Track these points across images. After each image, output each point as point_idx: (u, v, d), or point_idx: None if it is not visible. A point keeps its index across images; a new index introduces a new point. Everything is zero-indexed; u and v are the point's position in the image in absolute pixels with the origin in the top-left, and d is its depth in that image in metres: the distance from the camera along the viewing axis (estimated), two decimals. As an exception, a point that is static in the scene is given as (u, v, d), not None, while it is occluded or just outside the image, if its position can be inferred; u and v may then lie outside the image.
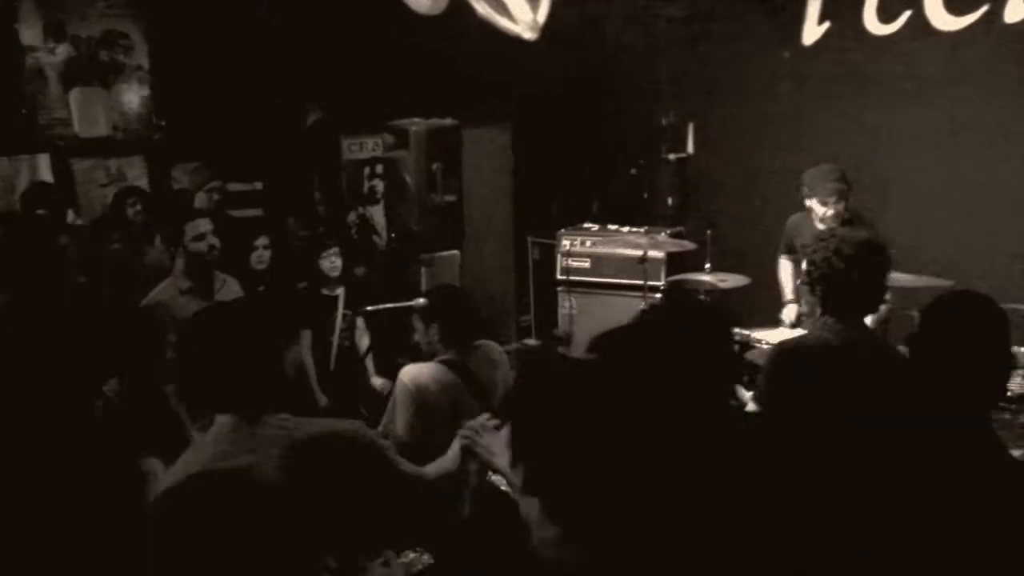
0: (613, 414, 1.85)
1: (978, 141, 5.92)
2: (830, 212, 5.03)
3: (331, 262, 5.41)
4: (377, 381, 5.55)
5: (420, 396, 3.46)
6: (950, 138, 6.01)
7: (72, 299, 4.61)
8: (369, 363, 5.63)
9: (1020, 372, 4.88)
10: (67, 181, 6.79)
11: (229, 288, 4.58)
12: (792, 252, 5.40)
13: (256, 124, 6.97)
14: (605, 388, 1.91)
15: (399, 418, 3.52)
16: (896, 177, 6.07)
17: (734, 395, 3.08)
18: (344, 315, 5.51)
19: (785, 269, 5.52)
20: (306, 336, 5.36)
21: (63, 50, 6.78)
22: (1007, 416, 5.09)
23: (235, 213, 6.65)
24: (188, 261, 4.34)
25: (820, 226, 5.13)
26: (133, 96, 7.13)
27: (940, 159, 6.03)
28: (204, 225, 4.37)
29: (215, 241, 4.35)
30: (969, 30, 5.83)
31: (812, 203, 5.10)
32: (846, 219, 5.05)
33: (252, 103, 6.98)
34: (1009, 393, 4.98)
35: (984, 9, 5.75)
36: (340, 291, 5.51)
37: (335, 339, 5.50)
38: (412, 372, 3.55)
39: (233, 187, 7.03)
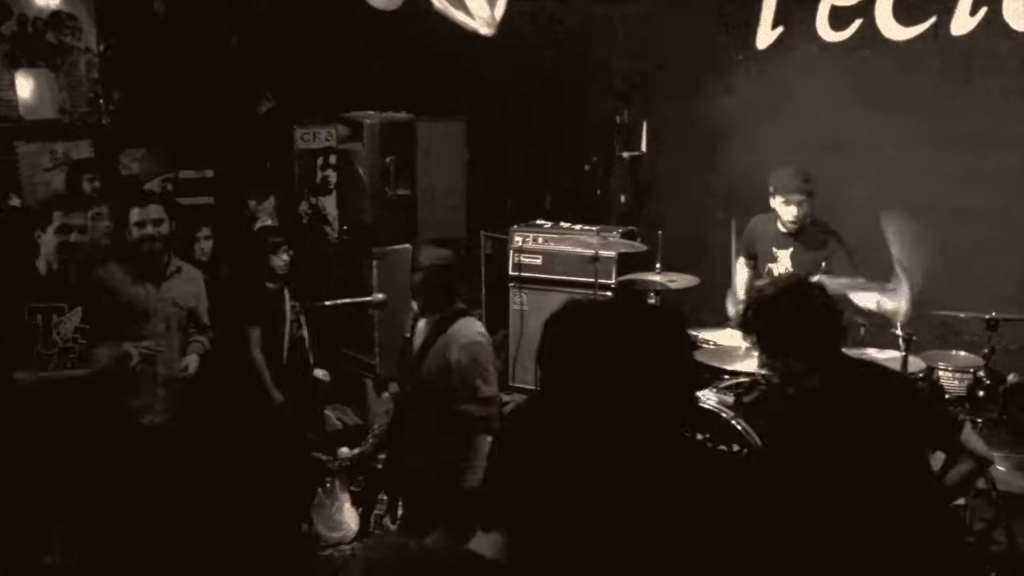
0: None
1: (925, 148, 6.04)
2: (793, 212, 5.05)
3: (282, 259, 5.38)
4: (319, 372, 5.60)
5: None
6: (898, 144, 6.13)
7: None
8: (311, 354, 5.62)
9: (958, 375, 5.04)
10: (10, 164, 6.64)
11: (185, 275, 4.56)
12: (751, 257, 5.39)
13: (208, 110, 6.87)
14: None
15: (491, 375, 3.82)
16: (845, 181, 6.17)
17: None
18: (292, 307, 5.48)
19: (741, 274, 5.44)
20: (255, 333, 5.31)
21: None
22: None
23: (185, 201, 6.56)
24: (132, 245, 4.31)
25: (782, 228, 5.20)
26: (81, 79, 6.98)
27: (888, 164, 6.15)
28: (149, 213, 4.32)
29: (157, 230, 4.32)
30: (917, 40, 5.96)
31: (777, 202, 5.11)
32: (807, 224, 5.12)
33: (204, 89, 6.88)
34: (947, 396, 5.15)
35: (932, 21, 5.88)
36: (287, 285, 5.49)
37: (286, 331, 5.45)
38: (478, 328, 3.85)
39: (184, 175, 6.93)
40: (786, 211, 5.07)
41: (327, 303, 4.39)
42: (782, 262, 5.19)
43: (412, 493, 3.74)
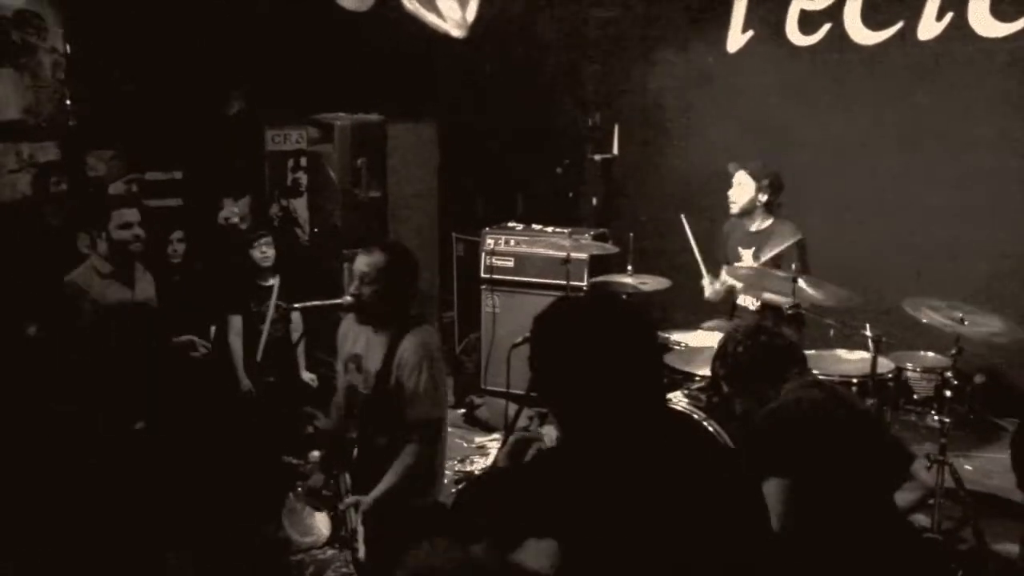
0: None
1: (892, 151, 6.12)
2: (732, 191, 5.21)
3: (262, 252, 5.48)
4: (307, 375, 5.62)
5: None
6: (866, 147, 6.19)
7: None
8: (301, 357, 5.65)
9: (926, 377, 5.09)
10: (-25, 166, 6.54)
11: (148, 278, 4.52)
12: (726, 262, 5.46)
13: (177, 111, 6.81)
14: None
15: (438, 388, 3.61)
16: (813, 184, 6.22)
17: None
18: (277, 305, 5.51)
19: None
20: (235, 321, 5.36)
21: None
22: (913, 418, 5.31)
23: (153, 203, 6.49)
24: (111, 247, 4.28)
25: (746, 227, 5.26)
26: (47, 79, 6.89)
27: (856, 167, 6.21)
28: (131, 215, 4.32)
29: (140, 232, 4.32)
30: (885, 45, 6.03)
31: None
32: (767, 227, 5.17)
33: (172, 90, 6.81)
34: (915, 396, 5.20)
35: (899, 26, 5.95)
36: (274, 281, 5.54)
37: (265, 328, 5.50)
38: (427, 339, 3.61)
39: (151, 176, 6.86)
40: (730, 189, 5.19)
41: (296, 306, 4.37)
42: (745, 260, 5.23)
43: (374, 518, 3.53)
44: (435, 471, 3.68)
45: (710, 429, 4.18)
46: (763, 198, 5.16)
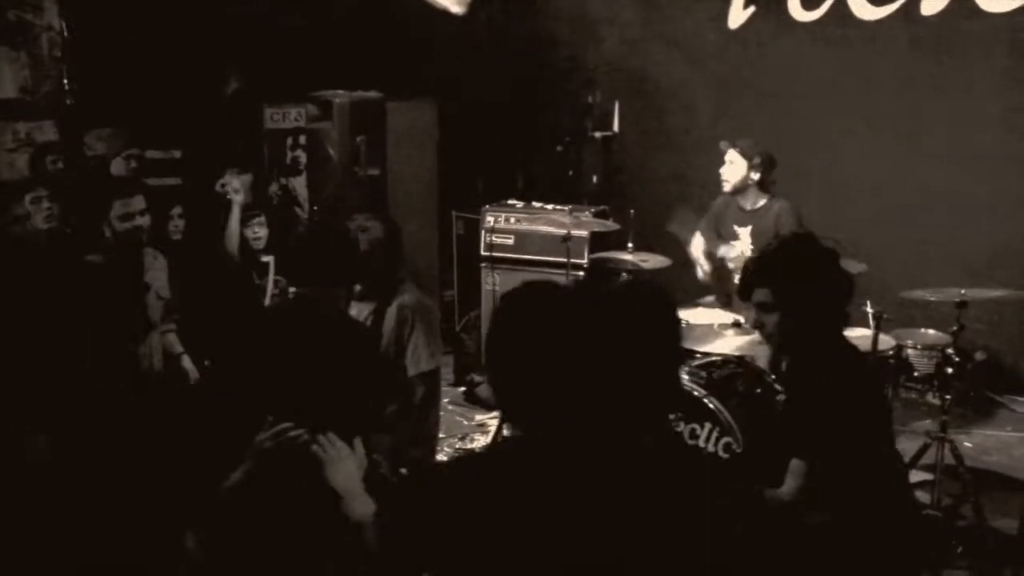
0: None
1: (894, 128, 6.08)
2: (723, 169, 5.16)
3: (254, 232, 5.42)
4: None
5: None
6: (868, 124, 6.16)
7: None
8: None
9: (927, 354, 5.09)
10: (-28, 144, 6.53)
11: (159, 263, 4.38)
12: (714, 234, 5.44)
13: (175, 90, 6.77)
14: None
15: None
16: (815, 162, 6.20)
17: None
18: (276, 281, 5.48)
19: (698, 246, 5.50)
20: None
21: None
22: (913, 395, 5.32)
23: (152, 182, 6.46)
24: (115, 236, 4.02)
25: (739, 205, 5.23)
26: (43, 58, 6.86)
27: (857, 145, 6.18)
28: (135, 204, 4.00)
29: (143, 221, 4.04)
30: (889, 20, 5.98)
31: None
32: (763, 205, 5.16)
33: (170, 68, 6.77)
34: (916, 373, 5.19)
35: (902, 1, 5.90)
36: (271, 258, 5.51)
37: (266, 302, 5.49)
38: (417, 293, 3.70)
39: (150, 155, 6.83)
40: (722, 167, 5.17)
41: (293, 289, 4.34)
42: (743, 239, 5.21)
43: None
44: (432, 425, 3.68)
45: (711, 407, 4.18)
46: (755, 176, 5.12)
